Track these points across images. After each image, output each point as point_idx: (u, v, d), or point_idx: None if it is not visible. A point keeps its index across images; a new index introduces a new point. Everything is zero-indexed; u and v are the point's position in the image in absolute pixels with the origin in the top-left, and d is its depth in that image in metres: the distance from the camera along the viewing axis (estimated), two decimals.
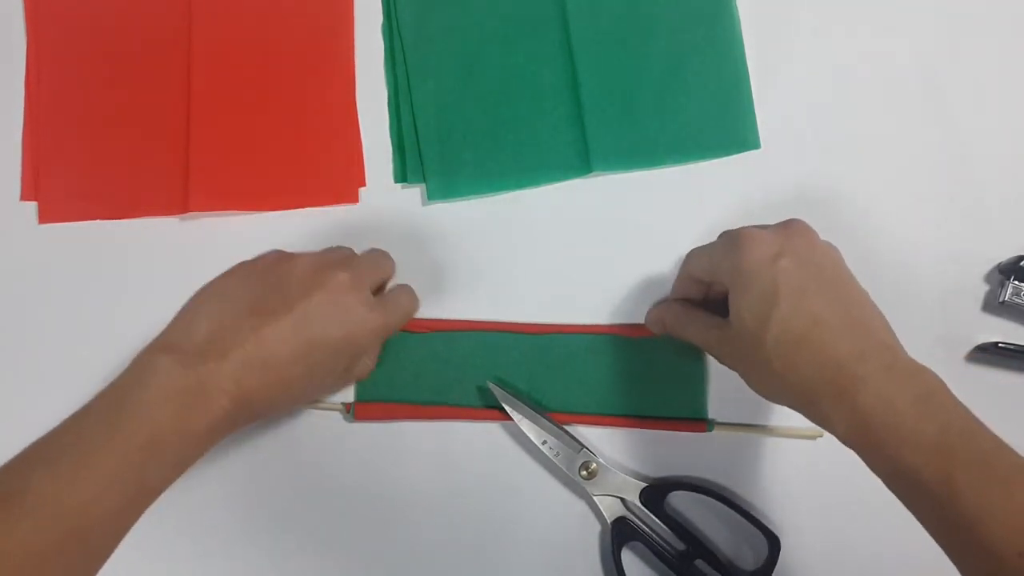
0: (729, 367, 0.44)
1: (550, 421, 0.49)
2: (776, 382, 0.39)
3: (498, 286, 0.52)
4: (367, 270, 0.46)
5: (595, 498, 0.49)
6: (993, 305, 0.51)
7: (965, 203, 0.53)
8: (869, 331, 0.38)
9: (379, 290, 0.49)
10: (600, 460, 0.49)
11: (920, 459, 0.34)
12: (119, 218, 0.54)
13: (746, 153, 0.53)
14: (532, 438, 0.49)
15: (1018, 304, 0.50)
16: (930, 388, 0.36)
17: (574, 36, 0.54)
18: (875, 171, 0.53)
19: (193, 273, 0.52)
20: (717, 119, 0.53)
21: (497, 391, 0.49)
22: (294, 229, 0.53)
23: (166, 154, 0.54)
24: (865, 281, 0.41)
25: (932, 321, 0.51)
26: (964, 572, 0.34)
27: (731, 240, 0.41)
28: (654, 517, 0.49)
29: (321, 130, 0.54)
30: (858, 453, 0.37)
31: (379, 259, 0.49)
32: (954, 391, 0.38)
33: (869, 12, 0.55)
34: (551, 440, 0.49)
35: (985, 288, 0.52)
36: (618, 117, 0.53)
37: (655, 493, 0.49)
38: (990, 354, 0.51)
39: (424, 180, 0.53)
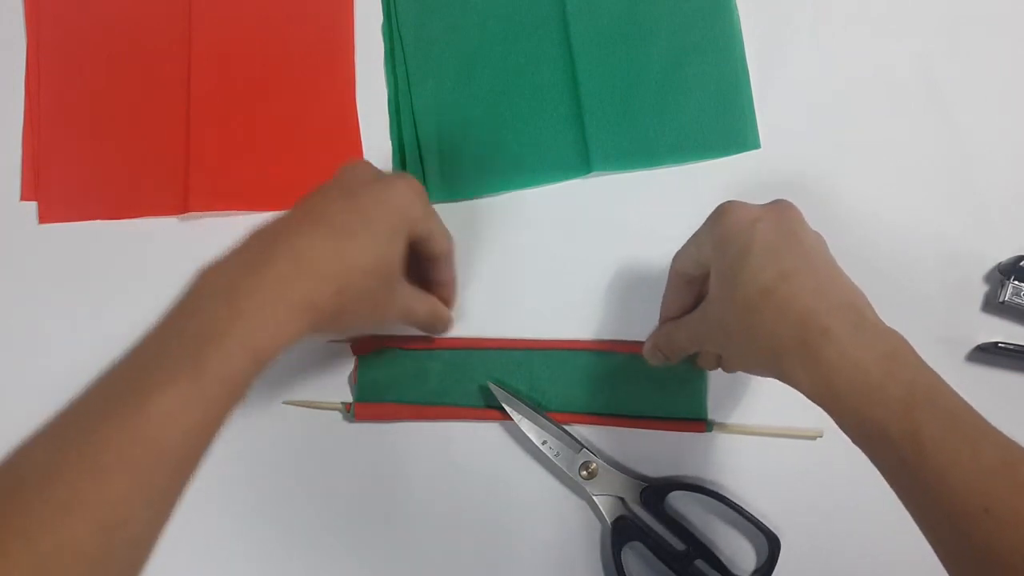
0: (713, 351, 0.43)
1: (550, 421, 0.49)
2: (749, 345, 0.38)
3: (498, 286, 0.52)
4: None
5: (595, 498, 0.49)
6: (993, 305, 0.51)
7: (965, 203, 0.53)
8: (838, 291, 0.37)
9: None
10: (600, 460, 0.49)
11: (886, 414, 0.33)
12: (119, 218, 0.54)
13: (746, 153, 0.53)
14: (532, 438, 0.49)
15: (1018, 304, 0.49)
16: (896, 347, 0.35)
17: (574, 36, 0.54)
18: (875, 171, 0.53)
19: (193, 273, 0.53)
20: (717, 119, 0.53)
21: (497, 391, 0.49)
22: None
23: (166, 154, 0.54)
24: (865, 281, 0.41)
25: (932, 321, 0.51)
26: (928, 530, 0.33)
27: (714, 213, 0.41)
28: (654, 517, 0.49)
29: (321, 130, 0.54)
30: (824, 409, 0.36)
31: None
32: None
33: (869, 12, 0.55)
34: (551, 440, 0.49)
35: (985, 288, 0.52)
36: (618, 117, 0.53)
37: (654, 493, 0.49)
38: (990, 354, 0.50)
39: (424, 181, 0.53)
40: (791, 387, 0.37)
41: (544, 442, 0.49)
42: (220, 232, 0.53)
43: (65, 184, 0.54)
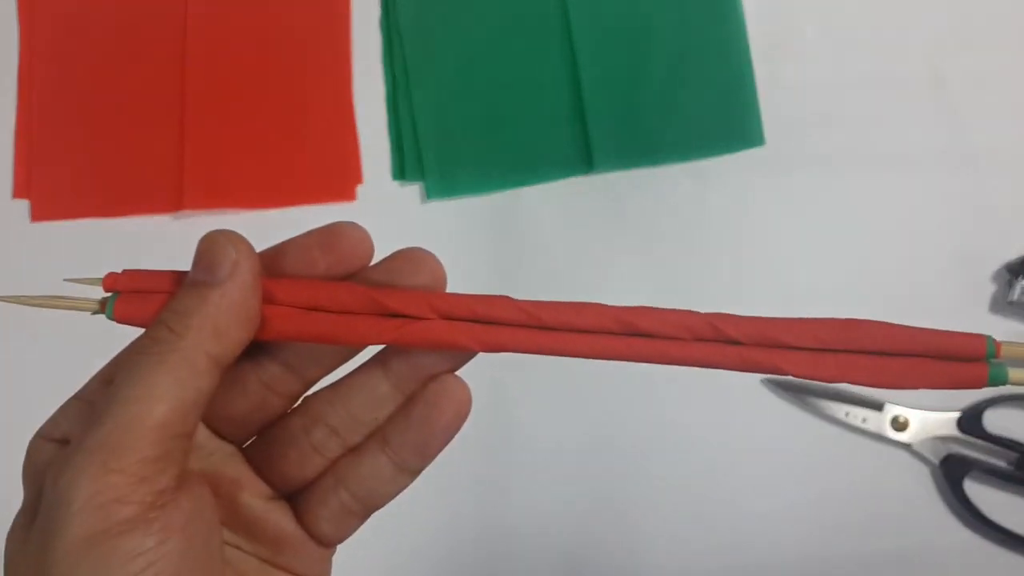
0: None
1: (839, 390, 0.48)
2: None
3: (498, 286, 0.52)
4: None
5: (912, 446, 0.48)
6: (1001, 305, 0.51)
7: (972, 202, 0.52)
8: None
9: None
10: (906, 409, 0.48)
11: None
12: (113, 216, 0.53)
13: (750, 150, 0.53)
14: (835, 413, 0.48)
15: None
16: None
17: (575, 31, 0.53)
18: (881, 169, 0.52)
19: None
20: (721, 116, 0.53)
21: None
22: (290, 227, 0.52)
23: (160, 151, 0.53)
24: (871, 280, 0.40)
25: (940, 321, 0.50)
26: None
27: None
28: (979, 440, 0.47)
29: (318, 127, 0.54)
30: None
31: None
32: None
33: (875, 8, 0.54)
34: (852, 409, 0.48)
35: (993, 288, 0.51)
36: (620, 114, 0.53)
37: (972, 418, 0.47)
38: None
39: (423, 178, 0.53)
40: None
41: (847, 413, 0.48)
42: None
43: (58, 182, 0.54)
